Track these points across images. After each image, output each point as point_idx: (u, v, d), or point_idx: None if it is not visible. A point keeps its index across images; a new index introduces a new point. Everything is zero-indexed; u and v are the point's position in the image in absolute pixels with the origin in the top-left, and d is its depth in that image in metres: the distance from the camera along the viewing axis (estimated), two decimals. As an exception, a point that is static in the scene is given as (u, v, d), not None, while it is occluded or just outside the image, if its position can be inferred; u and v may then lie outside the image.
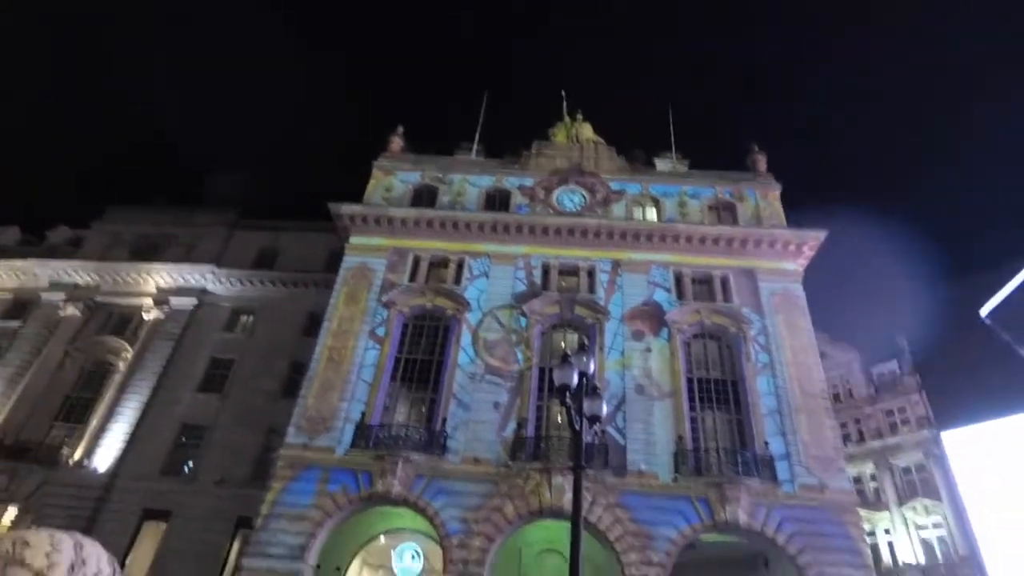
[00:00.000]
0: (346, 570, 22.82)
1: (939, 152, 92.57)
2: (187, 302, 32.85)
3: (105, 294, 33.29)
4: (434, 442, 22.14)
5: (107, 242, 35.34)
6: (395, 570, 22.66)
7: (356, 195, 30.13)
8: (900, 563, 33.60)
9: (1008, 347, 34.36)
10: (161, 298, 32.97)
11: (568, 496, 19.69)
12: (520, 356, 24.63)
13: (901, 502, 34.98)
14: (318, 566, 20.83)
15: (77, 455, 27.59)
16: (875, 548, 33.26)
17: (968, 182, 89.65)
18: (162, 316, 32.36)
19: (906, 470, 36.08)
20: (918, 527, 34.20)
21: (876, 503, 35.83)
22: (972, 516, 31.21)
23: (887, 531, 35.08)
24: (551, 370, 15.24)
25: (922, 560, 33.14)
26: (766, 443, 22.20)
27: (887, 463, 36.48)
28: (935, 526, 33.72)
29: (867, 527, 31.75)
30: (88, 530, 25.02)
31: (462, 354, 24.68)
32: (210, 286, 33.61)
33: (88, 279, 33.41)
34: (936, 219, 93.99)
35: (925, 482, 34.96)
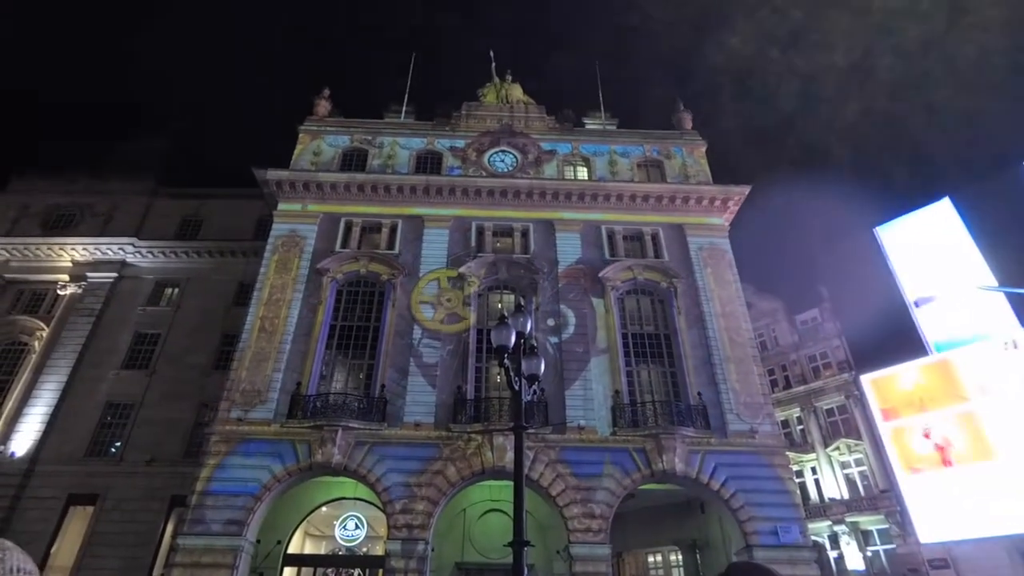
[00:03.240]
0: (288, 542, 22.53)
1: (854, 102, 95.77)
2: (106, 276, 31.25)
3: (15, 271, 31.33)
4: (373, 409, 21.90)
5: (13, 215, 33.12)
6: (338, 538, 22.65)
7: (285, 161, 29.05)
8: (826, 499, 35.75)
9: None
10: (78, 273, 31.30)
11: (510, 455, 19.94)
12: (457, 319, 24.55)
13: (826, 443, 37.07)
14: (258, 541, 20.53)
15: (-9, 440, 26.01)
16: (803, 487, 35.25)
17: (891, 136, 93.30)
18: (79, 291, 30.71)
19: (829, 412, 38.14)
20: (842, 465, 36.39)
21: (803, 445, 37.83)
22: (890, 452, 33.25)
23: (814, 470, 37.20)
24: (489, 331, 15.17)
25: (846, 495, 35.34)
26: (699, 393, 22.90)
27: (812, 406, 38.45)
28: (857, 463, 35.92)
29: (795, 468, 33.63)
30: (7, 520, 23.90)
31: (399, 319, 24.39)
32: (131, 259, 32.09)
33: (-5, 255, 31.33)
34: (855, 173, 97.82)
35: (847, 423, 37.05)
